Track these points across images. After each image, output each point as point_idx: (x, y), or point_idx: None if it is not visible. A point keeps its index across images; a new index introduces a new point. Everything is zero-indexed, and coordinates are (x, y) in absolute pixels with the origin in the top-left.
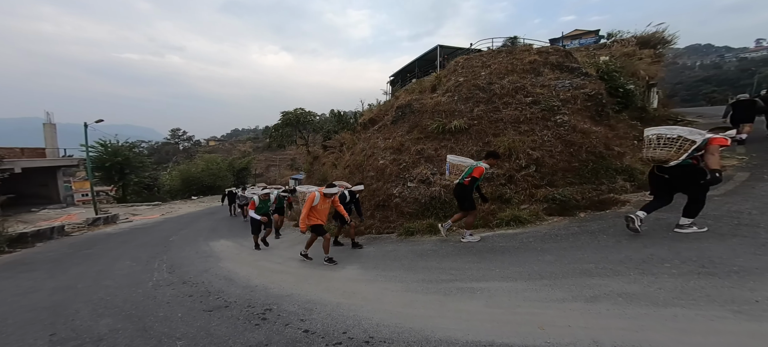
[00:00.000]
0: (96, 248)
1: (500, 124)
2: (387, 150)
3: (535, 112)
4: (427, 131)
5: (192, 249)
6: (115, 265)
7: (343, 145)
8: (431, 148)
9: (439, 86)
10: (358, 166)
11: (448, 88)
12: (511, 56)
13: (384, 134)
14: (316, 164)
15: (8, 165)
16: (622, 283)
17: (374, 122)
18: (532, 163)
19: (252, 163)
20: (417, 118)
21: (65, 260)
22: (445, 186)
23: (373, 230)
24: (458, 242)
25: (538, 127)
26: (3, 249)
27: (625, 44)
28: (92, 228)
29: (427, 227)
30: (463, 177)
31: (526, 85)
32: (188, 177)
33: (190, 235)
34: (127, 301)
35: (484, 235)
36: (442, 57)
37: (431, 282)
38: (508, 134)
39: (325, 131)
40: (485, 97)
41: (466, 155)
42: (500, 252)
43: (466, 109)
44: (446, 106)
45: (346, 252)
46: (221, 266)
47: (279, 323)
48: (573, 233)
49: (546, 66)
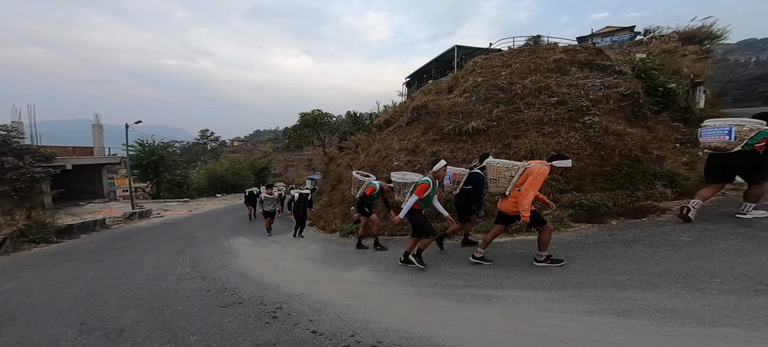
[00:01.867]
0: (129, 241)
1: (521, 126)
2: (402, 151)
3: (560, 112)
4: (443, 133)
5: (213, 246)
6: (145, 258)
7: (358, 147)
8: (447, 150)
9: (457, 87)
10: (372, 168)
11: (465, 89)
12: (534, 55)
13: (399, 135)
14: (332, 165)
15: (61, 162)
16: (660, 298)
17: (389, 123)
18: None
19: (272, 163)
20: (433, 120)
21: (103, 251)
22: None
23: (386, 232)
24: (474, 247)
25: (564, 129)
26: (52, 240)
27: (665, 40)
28: (128, 222)
29: (441, 230)
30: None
31: (550, 85)
32: (214, 175)
33: (212, 232)
34: (151, 294)
35: (502, 241)
36: (460, 58)
37: (444, 287)
38: (530, 136)
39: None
40: (505, 97)
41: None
42: (519, 258)
43: (484, 110)
44: (463, 107)
45: (358, 254)
46: (238, 263)
47: (288, 322)
48: (603, 241)
49: (573, 64)
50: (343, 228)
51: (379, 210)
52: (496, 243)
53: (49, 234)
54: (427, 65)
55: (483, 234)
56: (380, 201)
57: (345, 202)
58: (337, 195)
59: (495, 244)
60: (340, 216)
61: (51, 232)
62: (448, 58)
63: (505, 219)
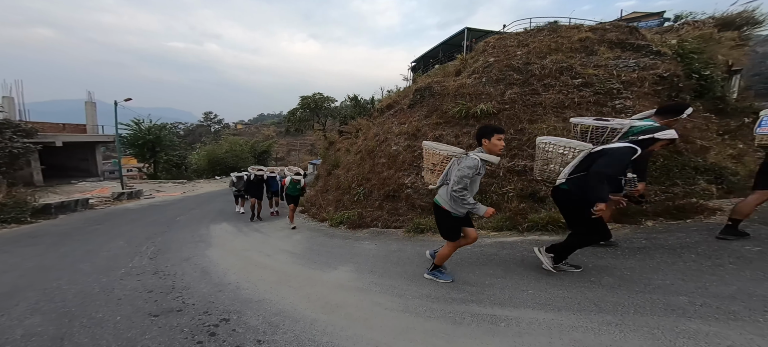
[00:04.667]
0: (106, 224)
1: (538, 109)
2: (401, 135)
3: (585, 95)
4: (448, 116)
5: (190, 232)
6: (108, 245)
7: (358, 131)
8: (451, 135)
9: (465, 69)
10: (369, 152)
11: (474, 70)
12: (555, 34)
13: (399, 118)
14: (332, 150)
15: (50, 138)
16: (748, 335)
17: (391, 107)
18: None
19: (273, 146)
20: (437, 102)
21: (71, 235)
22: None
23: (379, 223)
24: (477, 246)
25: (590, 113)
26: (26, 220)
27: (698, 26)
28: (116, 202)
29: None
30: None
31: (573, 65)
32: (214, 157)
33: (197, 216)
34: (80, 294)
35: (512, 241)
36: (470, 41)
37: (438, 300)
38: (549, 120)
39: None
40: (520, 78)
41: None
42: (535, 266)
43: (495, 92)
44: (472, 89)
45: (344, 249)
46: (206, 254)
47: (229, 343)
48: (640, 247)
49: (602, 44)
50: (333, 217)
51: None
52: (505, 244)
53: (24, 213)
54: (435, 49)
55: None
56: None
57: (340, 189)
58: (332, 180)
59: (486, 246)
60: (333, 203)
61: (26, 212)
62: (456, 41)
63: None
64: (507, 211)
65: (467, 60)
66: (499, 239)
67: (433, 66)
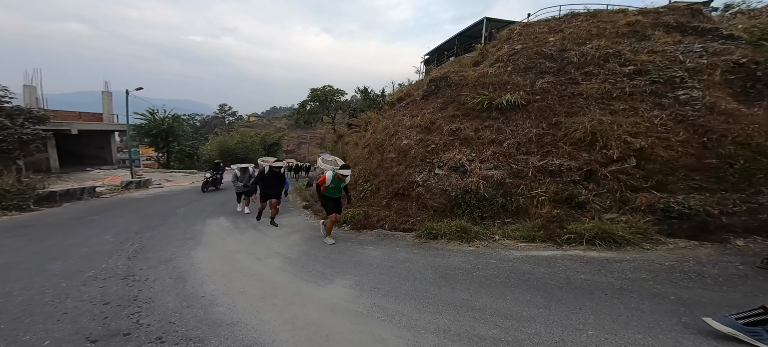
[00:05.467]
0: (104, 215)
1: (578, 100)
2: (413, 128)
3: (639, 84)
4: (467, 108)
5: (184, 227)
6: (92, 240)
7: (368, 124)
8: (470, 128)
9: (486, 58)
10: (378, 146)
11: (498, 58)
12: (595, 19)
13: (411, 110)
14: (340, 143)
15: (66, 126)
16: None
17: (403, 100)
18: (632, 155)
19: (284, 138)
20: (454, 93)
21: (62, 227)
22: (485, 178)
23: (386, 224)
24: (505, 259)
25: (646, 105)
26: (29, 207)
27: (754, 15)
28: (124, 191)
29: (458, 231)
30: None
31: (622, 52)
32: (225, 148)
33: (197, 208)
34: (25, 302)
35: (549, 256)
36: (489, 31)
37: (460, 338)
38: (592, 113)
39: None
40: (554, 66)
41: (523, 139)
42: (585, 291)
43: (523, 82)
44: (495, 78)
45: (345, 255)
46: (191, 255)
47: None
48: (741, 275)
49: (657, 27)
50: None
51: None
52: (539, 259)
53: (27, 201)
54: (450, 40)
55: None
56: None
57: None
58: None
59: (514, 260)
60: None
61: (29, 199)
62: (474, 32)
63: None
64: (536, 218)
65: (488, 49)
66: (532, 252)
67: (448, 59)
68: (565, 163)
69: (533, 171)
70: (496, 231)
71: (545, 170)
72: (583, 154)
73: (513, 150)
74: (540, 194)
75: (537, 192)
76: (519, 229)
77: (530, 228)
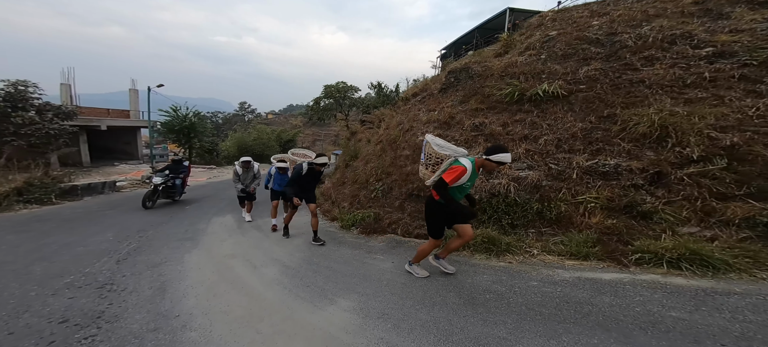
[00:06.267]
0: (116, 210)
1: (639, 89)
2: (430, 123)
3: (722, 68)
4: (492, 100)
5: (186, 225)
6: (92, 238)
7: (381, 121)
8: (497, 123)
9: (513, 47)
10: (391, 143)
11: (528, 46)
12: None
13: (428, 105)
14: (353, 140)
15: (96, 123)
16: None
17: (418, 95)
18: (720, 154)
19: (299, 135)
20: (476, 85)
21: (71, 222)
22: (516, 179)
23: (399, 229)
24: (550, 281)
25: (735, 93)
26: (50, 201)
27: None
28: (142, 186)
29: (484, 241)
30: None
31: (692, 32)
32: (242, 144)
33: (207, 205)
34: None
35: (612, 279)
36: (512, 22)
37: None
38: (660, 103)
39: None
40: (602, 52)
41: (565, 134)
42: (687, 337)
43: (562, 70)
44: (525, 67)
45: (350, 266)
46: (183, 259)
47: None
48: None
49: (736, 4)
50: (345, 217)
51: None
52: (600, 284)
53: (49, 194)
54: (469, 33)
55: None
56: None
57: (357, 182)
58: (349, 173)
59: (563, 283)
60: (349, 197)
61: (51, 193)
62: (495, 24)
63: None
64: (584, 228)
65: (514, 39)
66: (585, 273)
67: (466, 53)
68: (623, 163)
69: (579, 172)
70: (533, 244)
71: (595, 171)
72: (648, 152)
73: (551, 147)
74: (589, 200)
75: (585, 197)
76: (564, 243)
77: (581, 241)
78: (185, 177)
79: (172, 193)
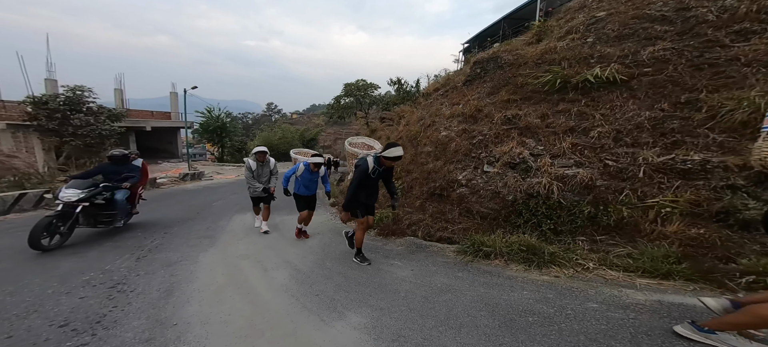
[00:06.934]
0: (152, 205)
1: (731, 69)
2: (454, 118)
3: None
4: (527, 90)
5: (209, 222)
6: (121, 234)
7: (401, 118)
8: (534, 114)
9: (548, 35)
10: (411, 139)
11: (569, 30)
12: None
13: (451, 99)
14: (373, 137)
15: (142, 124)
16: None
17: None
18: None
19: (320, 134)
20: (507, 74)
21: None
22: (560, 178)
23: (419, 231)
24: (616, 304)
25: None
26: None
27: None
28: (180, 182)
29: (522, 249)
30: None
31: None
32: (268, 143)
33: (232, 202)
34: None
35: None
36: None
37: None
38: (763, 85)
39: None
40: (671, 29)
41: (626, 125)
42: None
43: (618, 53)
44: (568, 53)
45: (365, 273)
46: (198, 259)
47: None
48: None
49: None
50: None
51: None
52: (697, 315)
53: None
54: (494, 25)
55: None
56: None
57: None
58: None
59: (638, 307)
60: None
61: None
62: (524, 13)
63: None
64: (655, 238)
65: (549, 25)
66: (669, 297)
67: (491, 45)
68: (712, 159)
69: (648, 169)
70: (586, 255)
71: (671, 169)
72: (750, 144)
73: (608, 141)
74: (664, 204)
75: (658, 201)
76: (634, 256)
77: (659, 256)
78: (136, 187)
79: (106, 218)
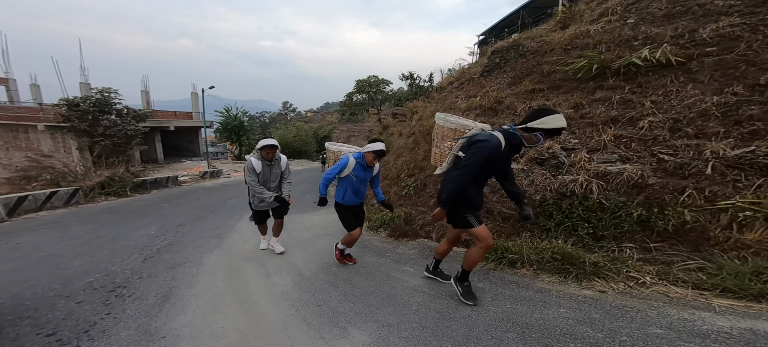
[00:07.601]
0: (171, 203)
1: None
2: (471, 110)
3: None
4: (555, 78)
5: (220, 220)
6: (136, 232)
7: (414, 113)
8: (566, 104)
9: (577, 19)
10: (425, 134)
11: (603, 12)
12: None
13: (468, 91)
14: (385, 134)
15: (166, 124)
16: None
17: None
18: None
19: (334, 131)
20: (530, 63)
21: (133, 213)
22: (601, 175)
23: (433, 232)
24: (689, 331)
25: None
26: (126, 193)
27: None
28: (200, 180)
29: (555, 258)
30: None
31: None
32: (283, 141)
33: (244, 201)
34: None
35: None
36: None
37: None
38: None
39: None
40: (739, 3)
41: (686, 113)
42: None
43: (669, 32)
44: (604, 36)
45: (373, 281)
46: (202, 260)
47: None
48: None
49: None
50: (371, 217)
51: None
52: None
53: (124, 188)
54: (512, 14)
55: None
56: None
57: (387, 178)
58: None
59: None
60: None
61: (127, 186)
62: (545, 1)
63: None
64: (730, 248)
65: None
66: (763, 324)
67: (510, 36)
68: None
69: (719, 164)
70: (640, 267)
71: (750, 163)
72: None
73: (662, 131)
74: (743, 206)
75: (734, 202)
76: (709, 270)
77: (746, 272)
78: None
79: None
